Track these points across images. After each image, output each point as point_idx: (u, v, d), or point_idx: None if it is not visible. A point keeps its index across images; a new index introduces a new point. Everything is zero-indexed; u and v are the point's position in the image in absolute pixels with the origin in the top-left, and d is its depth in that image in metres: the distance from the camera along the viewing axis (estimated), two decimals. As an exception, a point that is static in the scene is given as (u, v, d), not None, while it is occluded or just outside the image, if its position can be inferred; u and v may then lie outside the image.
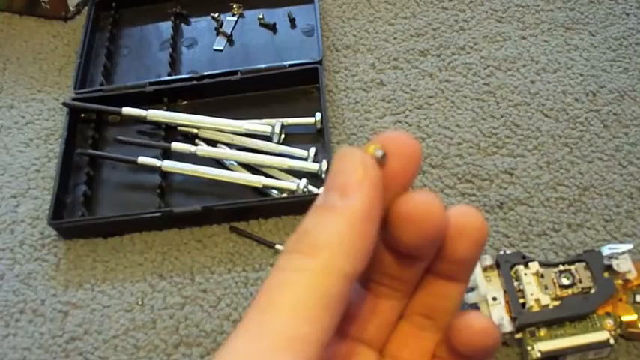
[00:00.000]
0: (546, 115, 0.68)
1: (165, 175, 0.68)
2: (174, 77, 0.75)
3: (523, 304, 0.53)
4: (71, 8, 0.84)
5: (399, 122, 0.69)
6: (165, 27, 0.81)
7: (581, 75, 0.70)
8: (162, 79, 0.75)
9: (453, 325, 0.29)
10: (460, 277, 0.29)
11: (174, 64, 0.78)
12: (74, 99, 0.74)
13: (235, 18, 0.81)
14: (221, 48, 0.79)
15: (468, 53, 0.74)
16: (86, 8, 0.84)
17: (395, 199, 0.26)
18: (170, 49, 0.78)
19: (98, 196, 0.70)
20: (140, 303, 0.61)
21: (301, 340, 0.23)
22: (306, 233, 0.25)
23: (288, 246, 0.25)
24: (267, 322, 0.23)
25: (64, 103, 0.73)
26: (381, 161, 0.25)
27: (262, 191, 0.66)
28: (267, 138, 0.69)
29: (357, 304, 0.30)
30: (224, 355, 0.23)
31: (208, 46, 0.79)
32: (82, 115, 0.74)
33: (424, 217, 0.25)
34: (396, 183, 0.26)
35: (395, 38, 0.76)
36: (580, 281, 0.54)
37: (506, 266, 0.55)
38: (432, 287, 0.30)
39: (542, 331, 0.53)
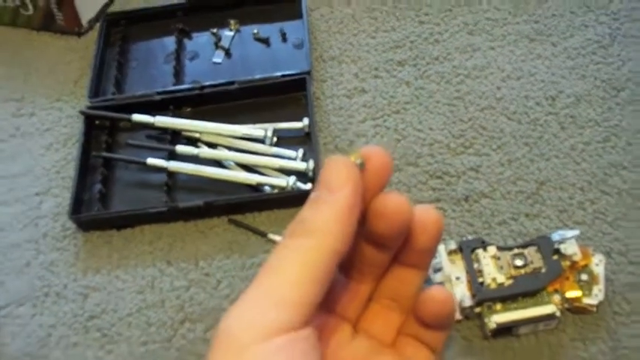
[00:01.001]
0: (509, 118, 0.74)
1: (171, 174, 0.74)
2: (178, 87, 0.80)
3: (482, 283, 0.59)
4: (84, 24, 0.89)
5: (379, 126, 0.76)
6: (170, 41, 0.86)
7: (543, 81, 0.77)
8: (167, 89, 0.80)
9: (419, 299, 0.35)
10: (421, 265, 0.35)
11: (178, 75, 0.83)
12: (89, 107, 0.79)
13: (233, 33, 0.86)
14: (220, 60, 0.84)
15: (442, 63, 0.80)
16: (98, 24, 0.89)
17: (372, 199, 0.31)
18: (174, 62, 0.83)
19: (112, 193, 0.75)
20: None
21: (294, 302, 0.28)
22: (302, 221, 0.30)
23: (288, 232, 0.30)
24: (270, 286, 0.29)
25: (81, 112, 0.79)
26: (361, 168, 0.31)
27: (257, 188, 0.72)
28: (261, 141, 0.75)
29: (339, 286, 0.36)
30: (232, 310, 0.29)
31: (208, 58, 0.85)
32: (97, 121, 0.80)
33: (395, 212, 0.31)
34: (372, 186, 0.31)
35: (376, 50, 0.82)
36: (532, 262, 0.59)
37: (467, 250, 0.61)
38: (398, 274, 0.35)
39: (498, 306, 0.59)
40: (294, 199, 0.70)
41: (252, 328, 0.27)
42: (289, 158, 0.73)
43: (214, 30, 0.86)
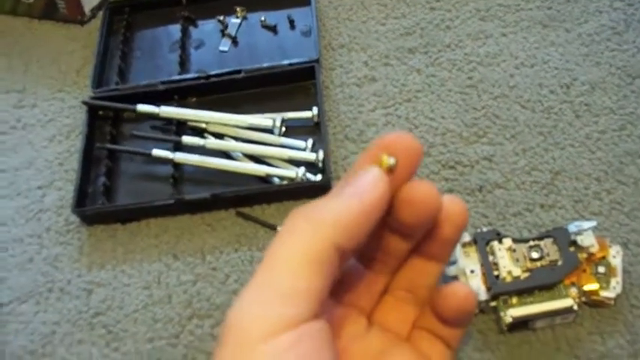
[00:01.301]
0: (523, 107, 0.73)
1: (177, 166, 0.72)
2: (183, 77, 0.79)
3: (497, 276, 0.58)
4: (87, 12, 0.88)
5: (390, 115, 0.74)
6: (175, 30, 0.85)
7: (557, 69, 0.75)
8: (172, 78, 0.78)
9: (440, 294, 0.34)
10: (441, 257, 0.34)
11: (183, 64, 0.81)
12: (92, 98, 0.78)
13: (239, 20, 0.85)
14: (226, 49, 0.83)
15: (453, 50, 0.78)
16: (101, 13, 0.87)
17: (401, 186, 0.30)
18: (179, 51, 0.82)
19: (116, 185, 0.74)
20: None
21: (300, 294, 0.27)
22: (314, 206, 0.29)
23: (296, 211, 0.29)
24: (271, 279, 0.27)
25: (83, 102, 0.77)
26: (392, 168, 0.30)
27: (265, 179, 0.70)
28: (269, 131, 0.73)
29: (355, 276, 0.35)
30: (239, 302, 0.28)
31: (215, 47, 0.83)
32: (100, 112, 0.78)
33: (424, 200, 0.30)
34: (402, 177, 0.30)
35: (386, 37, 0.81)
36: (548, 255, 0.58)
37: (482, 242, 0.60)
38: (416, 266, 0.34)
39: (514, 299, 0.57)
40: (303, 191, 0.69)
41: (261, 324, 0.27)
42: (298, 149, 0.72)
43: (220, 17, 0.85)
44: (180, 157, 0.72)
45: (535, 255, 0.58)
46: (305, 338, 0.27)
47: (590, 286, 0.58)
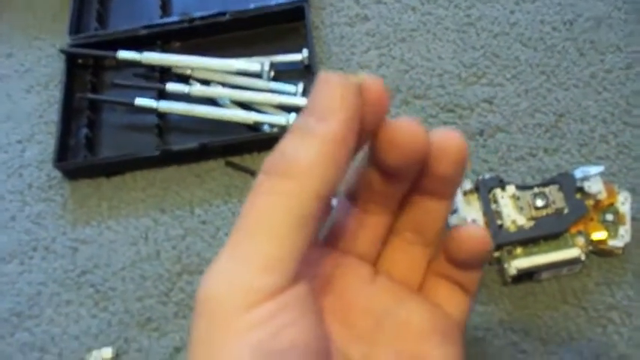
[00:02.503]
0: (525, 45, 0.69)
1: (162, 115, 0.69)
2: (166, 21, 0.75)
3: (500, 226, 0.55)
4: None
5: (384, 55, 0.70)
6: None
7: (559, 4, 0.71)
8: (154, 22, 0.74)
9: (454, 238, 0.31)
10: (444, 194, 0.31)
11: (164, 7, 0.77)
12: (71, 45, 0.74)
13: None
14: None
15: (450, -14, 0.75)
16: None
17: (376, 124, 0.27)
18: None
19: (99, 137, 0.71)
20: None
21: (279, 261, 0.25)
22: (282, 155, 0.26)
23: (266, 166, 0.26)
24: (247, 247, 0.25)
25: (61, 50, 0.74)
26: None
27: (254, 127, 0.67)
28: (257, 75, 0.70)
29: (347, 219, 0.32)
30: (215, 272, 0.25)
31: None
32: (79, 60, 0.75)
33: (407, 140, 0.27)
34: (369, 119, 0.27)
35: (378, -27, 0.77)
36: (554, 202, 0.56)
37: (484, 190, 0.57)
38: (419, 204, 0.32)
39: (519, 250, 0.55)
40: (294, 139, 0.65)
41: (238, 295, 0.25)
42: (288, 93, 0.69)
43: (202, -44, 0.80)
44: (164, 105, 0.68)
45: (540, 203, 0.56)
46: (286, 307, 0.25)
47: (598, 234, 0.55)
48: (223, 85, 0.71)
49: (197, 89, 0.69)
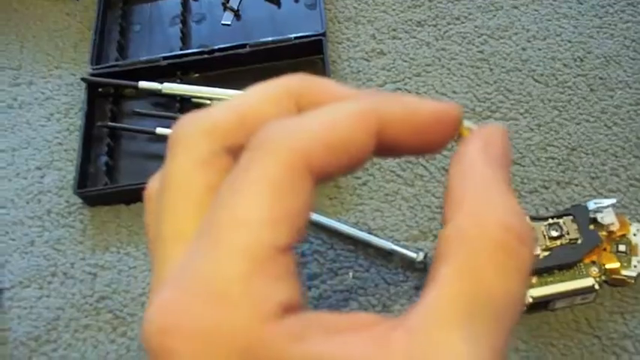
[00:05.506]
0: (537, 80, 0.71)
1: None
2: (186, 52, 0.76)
3: None
4: None
5: (399, 89, 0.72)
6: (175, 3, 0.82)
7: (570, 42, 0.73)
8: (174, 53, 0.76)
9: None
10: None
11: (185, 38, 0.79)
12: (91, 74, 0.75)
13: None
14: (229, 22, 0.80)
15: (463, 23, 0.76)
16: None
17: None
18: (180, 25, 0.79)
19: (119, 165, 0.71)
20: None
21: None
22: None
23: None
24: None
25: (82, 79, 0.75)
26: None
27: None
28: None
29: None
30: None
31: (217, 20, 0.80)
32: (100, 89, 0.76)
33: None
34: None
35: (393, 9, 0.78)
36: (568, 233, 0.57)
37: (500, 221, 0.58)
38: None
39: (534, 279, 0.56)
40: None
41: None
42: (305, 125, 0.69)
43: (221, -10, 0.82)
44: (184, 135, 0.69)
45: (554, 233, 0.57)
46: None
47: (611, 264, 0.56)
48: (241, 115, 0.71)
49: (216, 119, 0.70)
